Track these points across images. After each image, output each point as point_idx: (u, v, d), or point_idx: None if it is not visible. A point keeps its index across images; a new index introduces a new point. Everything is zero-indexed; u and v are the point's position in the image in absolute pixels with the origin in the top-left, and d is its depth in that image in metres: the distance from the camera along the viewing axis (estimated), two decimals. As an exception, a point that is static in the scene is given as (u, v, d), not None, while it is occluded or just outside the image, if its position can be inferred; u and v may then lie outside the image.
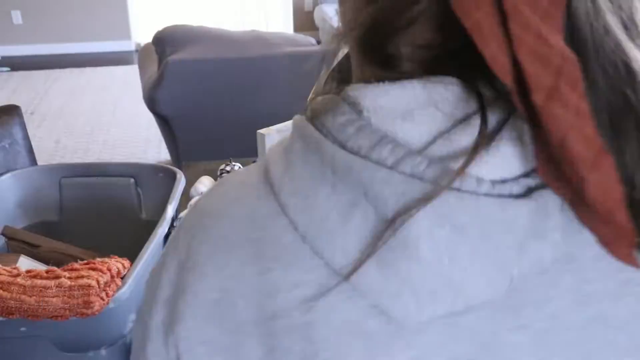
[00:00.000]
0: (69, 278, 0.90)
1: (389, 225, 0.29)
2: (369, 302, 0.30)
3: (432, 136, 0.29)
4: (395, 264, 0.29)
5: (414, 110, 0.29)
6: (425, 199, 0.28)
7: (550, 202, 0.29)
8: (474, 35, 0.27)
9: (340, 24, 0.36)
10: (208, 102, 2.24)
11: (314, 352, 0.31)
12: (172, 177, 1.28)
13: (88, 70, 4.54)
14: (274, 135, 0.63)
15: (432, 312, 0.30)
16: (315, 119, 0.32)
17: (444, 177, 0.28)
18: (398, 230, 0.28)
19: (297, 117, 0.34)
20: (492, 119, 0.29)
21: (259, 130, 0.63)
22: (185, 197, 1.32)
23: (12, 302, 0.88)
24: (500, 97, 0.29)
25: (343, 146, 0.30)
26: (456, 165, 0.28)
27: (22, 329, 0.92)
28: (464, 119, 0.29)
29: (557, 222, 0.30)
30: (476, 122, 0.29)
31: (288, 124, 0.66)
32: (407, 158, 0.29)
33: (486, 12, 0.27)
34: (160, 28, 2.37)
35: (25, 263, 1.12)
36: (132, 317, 1.00)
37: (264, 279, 0.32)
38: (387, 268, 0.29)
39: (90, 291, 0.88)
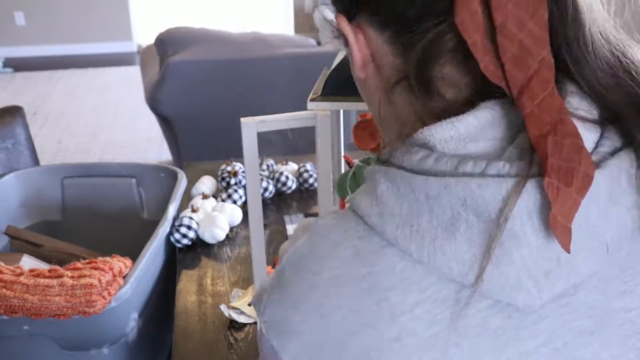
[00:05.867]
0: (72, 277, 0.91)
1: (497, 222, 0.33)
2: (489, 302, 0.34)
3: (502, 148, 0.35)
4: (509, 256, 0.33)
5: (478, 134, 0.36)
6: (518, 190, 0.33)
7: (617, 170, 0.35)
8: (473, 52, 0.35)
9: (376, 80, 0.42)
10: (209, 102, 2.25)
11: None
12: (174, 177, 1.29)
13: (90, 71, 4.55)
14: (256, 125, 0.65)
15: (551, 292, 0.34)
16: (389, 164, 0.38)
17: (527, 170, 0.33)
18: (504, 224, 0.33)
19: (369, 168, 0.40)
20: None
21: (242, 119, 0.65)
22: (187, 197, 1.32)
23: (15, 300, 0.88)
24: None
25: (428, 175, 0.35)
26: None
27: (25, 327, 0.93)
28: (520, 131, 0.35)
29: (624, 187, 0.35)
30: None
31: (275, 116, 0.68)
32: (490, 165, 0.34)
33: (481, 33, 0.34)
34: (161, 29, 2.38)
35: (28, 262, 1.13)
36: (134, 315, 1.01)
37: (382, 307, 0.35)
38: (503, 262, 0.33)
39: (93, 290, 0.88)
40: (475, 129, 0.35)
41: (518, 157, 0.34)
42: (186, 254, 1.16)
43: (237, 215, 1.24)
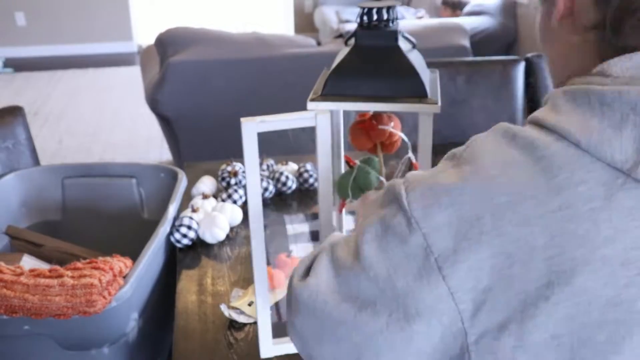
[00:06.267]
0: (72, 277, 0.91)
1: None
2: None
3: None
4: None
5: None
6: None
7: None
8: None
9: (568, 21, 0.49)
10: (209, 102, 2.25)
11: (596, 232, 0.40)
12: (174, 177, 1.29)
13: (90, 72, 4.56)
14: (256, 125, 0.66)
15: None
16: (570, 86, 0.45)
17: None
18: None
19: (552, 91, 0.47)
20: None
21: (242, 119, 0.66)
22: (187, 197, 1.33)
23: (16, 300, 0.89)
24: None
25: (604, 86, 0.42)
26: None
27: (25, 327, 0.93)
28: None
29: None
30: None
31: (275, 116, 0.70)
32: None
33: None
34: (161, 30, 2.38)
35: (28, 262, 1.13)
36: (134, 315, 1.01)
37: (551, 182, 0.41)
38: None
39: (93, 290, 0.88)
40: None
41: None
42: (186, 254, 1.16)
43: (237, 215, 1.24)
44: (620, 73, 0.43)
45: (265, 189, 1.32)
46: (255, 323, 0.95)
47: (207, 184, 1.36)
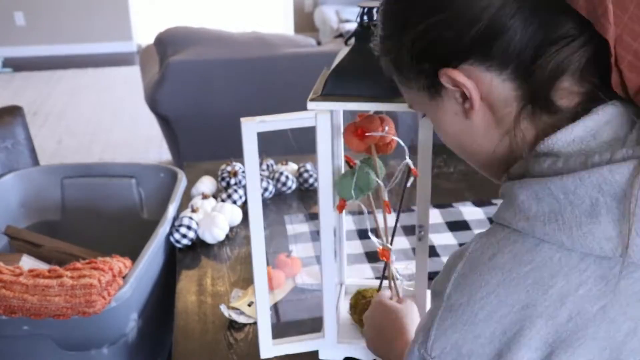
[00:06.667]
0: (71, 277, 0.91)
1: (629, 199, 0.38)
2: None
3: (621, 140, 0.42)
4: None
5: (596, 133, 0.42)
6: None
7: None
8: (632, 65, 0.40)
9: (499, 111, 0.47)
10: (209, 102, 2.25)
11: (616, 330, 0.39)
12: (174, 177, 1.29)
13: (90, 71, 4.55)
14: (256, 125, 0.66)
15: None
16: (522, 176, 0.45)
17: None
18: (637, 195, 0.38)
19: (504, 185, 0.46)
20: None
21: (242, 119, 0.66)
22: (187, 197, 1.32)
23: (15, 301, 0.88)
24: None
25: (562, 175, 0.41)
26: None
27: (25, 327, 0.93)
28: (634, 124, 0.42)
29: None
30: None
31: (275, 116, 0.71)
32: (615, 154, 0.40)
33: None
34: (161, 29, 2.38)
35: (27, 262, 1.13)
36: (134, 315, 1.01)
37: (552, 295, 0.40)
38: None
39: (92, 290, 0.88)
40: (592, 130, 0.42)
41: (637, 143, 0.41)
42: (186, 254, 1.16)
43: (237, 215, 1.23)
44: (569, 149, 0.42)
45: (265, 189, 1.32)
46: (255, 323, 0.95)
47: (206, 184, 1.36)
